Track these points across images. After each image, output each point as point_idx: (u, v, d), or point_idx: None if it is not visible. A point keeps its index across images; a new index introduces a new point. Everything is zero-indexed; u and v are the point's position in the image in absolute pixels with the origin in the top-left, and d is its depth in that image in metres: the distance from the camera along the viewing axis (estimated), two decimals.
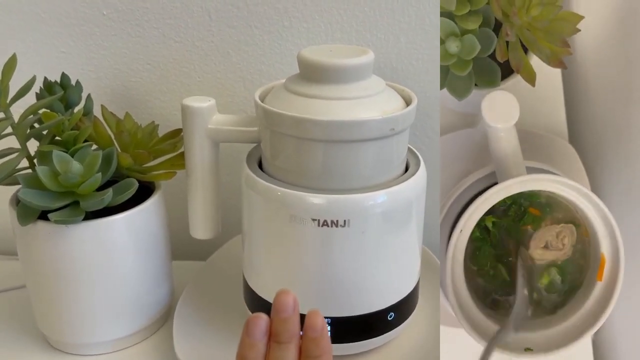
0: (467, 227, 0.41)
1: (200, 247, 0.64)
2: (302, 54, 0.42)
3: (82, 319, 0.47)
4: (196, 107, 0.45)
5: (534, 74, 0.41)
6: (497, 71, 0.42)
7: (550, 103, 0.50)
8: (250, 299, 0.47)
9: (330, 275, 0.42)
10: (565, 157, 0.49)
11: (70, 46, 0.58)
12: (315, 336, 0.33)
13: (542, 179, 0.40)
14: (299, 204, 0.41)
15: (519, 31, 0.40)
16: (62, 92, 0.48)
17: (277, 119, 0.41)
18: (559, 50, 0.40)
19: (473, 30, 0.40)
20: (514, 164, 0.41)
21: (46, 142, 0.46)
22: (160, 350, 0.50)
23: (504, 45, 0.40)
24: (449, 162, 0.50)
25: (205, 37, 0.57)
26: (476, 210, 0.41)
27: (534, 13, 0.39)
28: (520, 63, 0.41)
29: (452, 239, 0.41)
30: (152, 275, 0.49)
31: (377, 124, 0.40)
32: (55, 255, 0.45)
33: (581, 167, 0.49)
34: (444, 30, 0.40)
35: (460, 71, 0.40)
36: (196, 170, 0.47)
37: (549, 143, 0.50)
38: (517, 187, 0.40)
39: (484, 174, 0.45)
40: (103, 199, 0.43)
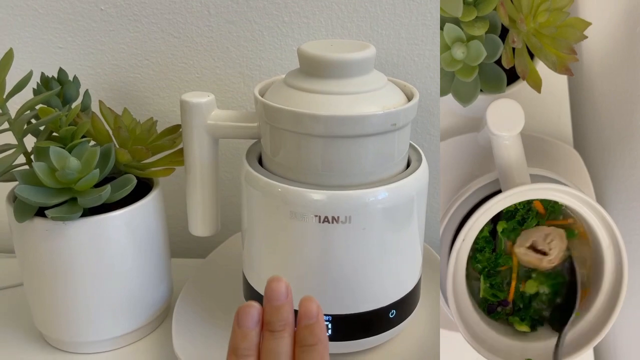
0: (469, 236, 0.40)
1: (199, 245, 0.63)
2: (302, 48, 0.42)
3: (80, 316, 0.47)
4: (195, 103, 0.44)
5: (540, 81, 0.41)
6: (502, 77, 0.42)
7: (555, 109, 0.50)
8: (250, 296, 0.46)
9: (331, 272, 0.42)
10: (570, 163, 0.49)
11: (67, 42, 0.57)
12: (310, 323, 0.31)
13: (546, 188, 0.39)
14: (299, 200, 0.40)
15: (525, 37, 0.40)
16: (60, 87, 0.47)
17: (277, 114, 0.41)
18: (565, 57, 0.40)
19: (479, 37, 0.39)
20: (517, 173, 0.41)
21: (43, 138, 0.45)
22: (159, 349, 0.49)
23: (510, 51, 0.40)
24: (453, 166, 0.49)
25: (205, 32, 0.56)
26: (479, 219, 0.40)
27: (541, 19, 0.39)
28: (526, 69, 0.40)
29: (454, 248, 0.40)
30: (151, 272, 0.49)
31: (379, 119, 0.39)
32: (53, 252, 0.44)
33: (586, 172, 0.49)
34: (450, 36, 0.39)
35: (466, 77, 0.40)
36: (195, 167, 0.46)
37: (554, 148, 0.49)
38: (520, 197, 0.39)
39: (488, 180, 0.44)
40: (101, 195, 0.42)
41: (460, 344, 0.48)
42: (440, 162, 0.50)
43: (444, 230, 0.44)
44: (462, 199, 0.44)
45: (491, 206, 0.39)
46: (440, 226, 0.45)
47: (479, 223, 0.40)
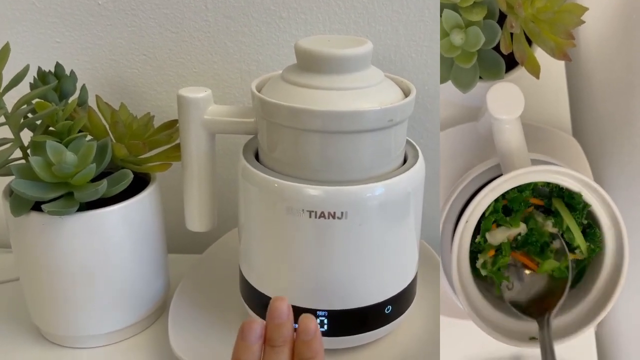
0: (472, 218, 0.41)
1: (197, 241, 0.63)
2: (299, 44, 0.42)
3: (76, 311, 0.47)
4: (192, 98, 0.44)
5: (539, 67, 0.41)
6: (501, 63, 0.42)
7: (553, 96, 0.50)
8: (247, 292, 0.46)
9: (327, 268, 0.42)
10: (568, 151, 0.49)
11: (65, 36, 0.57)
12: (307, 339, 0.35)
13: (548, 170, 0.40)
14: (295, 195, 0.40)
15: (523, 23, 0.40)
16: (56, 81, 0.47)
17: (274, 109, 0.40)
18: (563, 43, 0.40)
19: (477, 22, 0.40)
20: (518, 156, 0.41)
21: (40, 133, 0.45)
22: (155, 344, 0.49)
23: (509, 37, 0.40)
24: (452, 156, 0.49)
25: (202, 27, 0.56)
26: (482, 200, 0.40)
27: (539, 5, 0.39)
28: (525, 55, 0.40)
29: (457, 230, 0.41)
30: (148, 267, 0.49)
31: (375, 115, 0.39)
32: (49, 246, 0.44)
33: (585, 160, 0.49)
34: (448, 22, 0.39)
35: (465, 63, 0.40)
36: (192, 162, 0.46)
37: (553, 136, 0.50)
38: (522, 179, 0.40)
39: (487, 167, 0.45)
40: (97, 189, 0.42)
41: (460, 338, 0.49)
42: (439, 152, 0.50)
43: (445, 216, 0.44)
44: (462, 185, 0.44)
45: (494, 187, 0.40)
46: (442, 213, 0.45)
47: (481, 205, 0.41)
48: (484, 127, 0.46)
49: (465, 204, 0.44)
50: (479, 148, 0.49)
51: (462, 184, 0.45)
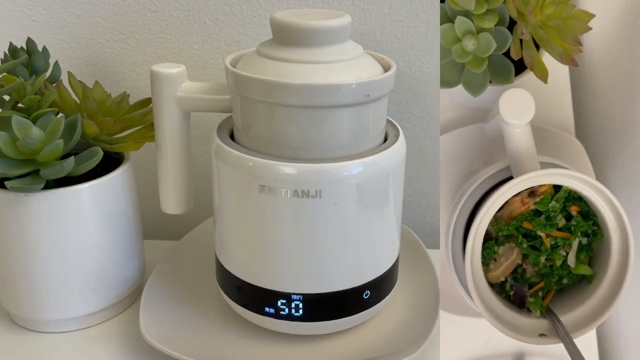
0: (485, 219, 0.41)
1: (175, 227, 0.62)
2: (274, 16, 0.40)
3: (45, 294, 0.45)
4: (165, 73, 0.42)
5: (547, 71, 0.42)
6: (511, 69, 0.43)
7: (558, 99, 0.51)
8: (222, 276, 0.45)
9: (301, 249, 0.40)
10: (572, 152, 0.50)
11: (41, 14, 0.55)
12: None
13: (557, 173, 0.40)
14: (268, 173, 0.39)
15: (532, 29, 0.41)
16: (26, 56, 0.46)
17: (247, 83, 0.39)
18: (570, 48, 0.41)
19: (489, 29, 0.41)
20: (528, 160, 0.42)
21: (8, 108, 0.44)
22: (128, 328, 0.48)
23: (519, 43, 0.41)
24: (458, 158, 0.50)
25: (182, 6, 0.55)
26: (494, 202, 0.41)
27: (548, 12, 0.40)
28: (534, 61, 0.42)
29: (471, 231, 0.41)
30: (120, 250, 0.47)
31: (351, 89, 0.38)
32: (15, 225, 0.42)
33: (588, 162, 0.50)
34: (460, 29, 0.41)
35: (476, 68, 0.41)
36: (165, 141, 0.45)
37: (557, 138, 0.50)
38: (532, 181, 0.41)
39: (496, 170, 0.45)
40: (63, 166, 0.40)
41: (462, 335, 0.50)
42: (442, 153, 0.50)
43: (456, 219, 0.45)
44: (471, 188, 0.45)
45: (506, 190, 0.40)
46: (452, 217, 0.45)
47: (494, 206, 0.41)
48: (492, 130, 0.47)
49: (476, 205, 0.44)
50: (486, 149, 0.50)
51: (473, 185, 0.45)
